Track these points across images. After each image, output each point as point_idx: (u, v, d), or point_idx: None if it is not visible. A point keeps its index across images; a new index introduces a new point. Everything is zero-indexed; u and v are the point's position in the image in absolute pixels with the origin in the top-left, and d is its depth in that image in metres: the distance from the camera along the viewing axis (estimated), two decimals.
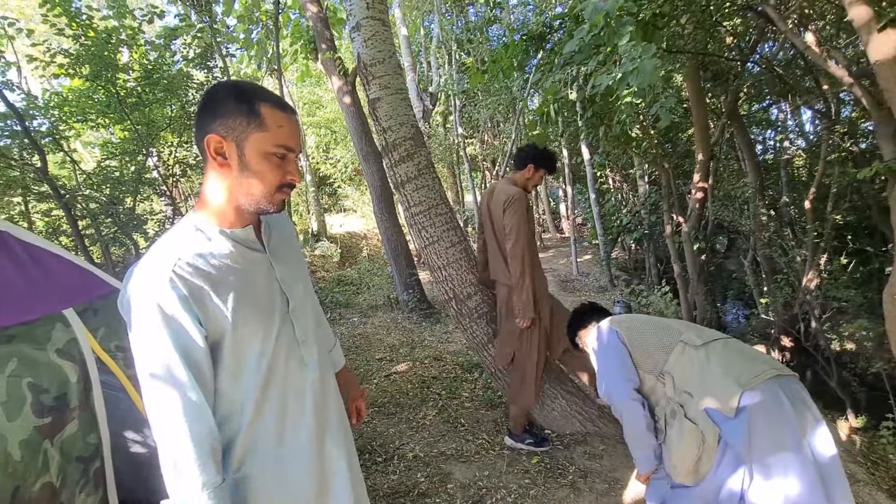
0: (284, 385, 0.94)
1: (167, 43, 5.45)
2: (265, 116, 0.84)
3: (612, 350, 1.62)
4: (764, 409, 1.27)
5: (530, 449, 2.56)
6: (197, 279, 0.82)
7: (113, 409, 1.47)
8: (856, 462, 2.76)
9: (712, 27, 4.37)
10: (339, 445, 1.05)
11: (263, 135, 0.84)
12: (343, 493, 1.04)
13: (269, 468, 0.93)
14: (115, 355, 1.33)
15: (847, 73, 2.26)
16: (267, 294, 0.93)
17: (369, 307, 6.02)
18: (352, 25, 2.80)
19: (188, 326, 0.81)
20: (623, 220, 7.44)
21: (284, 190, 0.90)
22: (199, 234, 0.88)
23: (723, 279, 7.07)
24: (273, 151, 0.85)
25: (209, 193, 0.90)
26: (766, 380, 1.30)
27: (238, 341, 0.87)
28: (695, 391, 1.39)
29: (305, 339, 0.99)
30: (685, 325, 1.64)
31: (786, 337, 4.67)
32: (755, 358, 1.41)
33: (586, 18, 2.71)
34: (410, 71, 9.14)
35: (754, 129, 7.12)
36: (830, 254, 4.21)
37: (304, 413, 0.97)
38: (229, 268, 0.88)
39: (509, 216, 2.31)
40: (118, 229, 4.95)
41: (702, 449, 1.35)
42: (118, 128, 5.70)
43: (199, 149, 0.89)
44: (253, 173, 0.86)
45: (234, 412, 0.90)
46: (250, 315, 0.88)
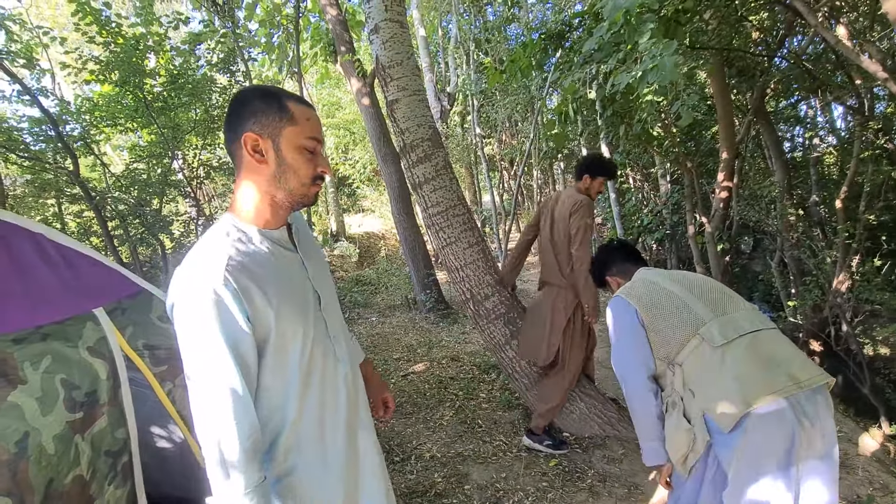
0: (322, 381, 0.97)
1: (192, 48, 5.60)
2: (294, 111, 0.89)
3: (629, 330, 1.50)
4: (764, 433, 1.19)
5: (548, 451, 2.54)
6: (245, 277, 0.85)
7: (140, 405, 1.52)
8: (889, 472, 2.65)
9: (737, 22, 4.25)
10: (369, 439, 1.10)
11: (295, 128, 0.89)
12: (374, 486, 1.08)
13: (312, 463, 0.96)
14: (142, 353, 1.37)
15: (881, 67, 2.17)
16: (302, 292, 0.96)
17: (387, 307, 6.06)
18: (370, 28, 2.82)
19: (240, 322, 0.84)
20: (644, 219, 7.30)
21: (318, 182, 0.94)
22: (241, 235, 0.91)
23: (748, 281, 6.86)
24: (305, 144, 0.90)
25: (245, 195, 0.93)
26: (779, 397, 1.19)
27: (281, 338, 0.90)
28: (698, 392, 1.32)
29: (336, 334, 1.03)
30: (715, 304, 1.43)
31: (815, 341, 4.51)
32: (778, 365, 1.26)
33: (606, 16, 2.67)
34: (428, 71, 9.17)
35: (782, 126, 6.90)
36: (863, 255, 4.05)
37: (338, 408, 1.01)
38: (270, 266, 0.91)
39: (576, 220, 2.45)
40: (145, 230, 5.11)
41: (690, 449, 1.31)
42: (145, 131, 5.87)
43: (230, 152, 0.93)
44: (289, 167, 0.90)
45: (278, 407, 0.92)
46: (290, 312, 0.91)
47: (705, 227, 4.37)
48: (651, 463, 1.48)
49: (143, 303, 1.45)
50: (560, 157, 12.04)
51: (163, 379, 1.42)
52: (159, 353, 1.42)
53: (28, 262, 1.19)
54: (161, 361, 1.41)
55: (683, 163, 4.85)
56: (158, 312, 1.47)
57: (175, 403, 1.43)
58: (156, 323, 1.46)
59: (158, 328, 1.46)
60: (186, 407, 1.49)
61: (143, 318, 1.43)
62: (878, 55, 2.23)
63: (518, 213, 11.93)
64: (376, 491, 1.09)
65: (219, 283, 0.82)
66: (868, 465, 2.67)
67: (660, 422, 1.43)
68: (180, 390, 1.46)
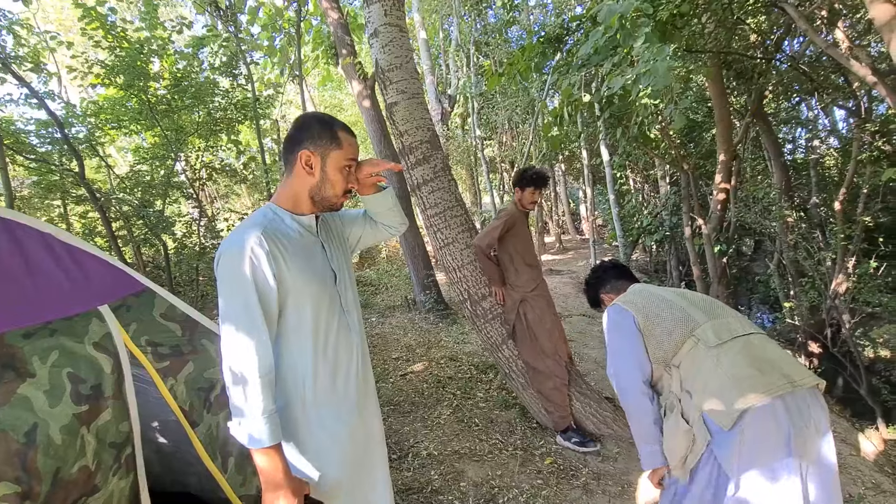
0: (336, 345, 1.17)
1: (195, 52, 5.67)
2: (342, 138, 1.14)
3: (626, 335, 1.52)
4: (760, 426, 1.21)
5: (575, 448, 2.58)
6: (275, 245, 1.07)
7: (142, 401, 1.57)
8: (882, 472, 2.67)
9: (734, 25, 4.28)
10: (376, 409, 1.32)
11: (340, 152, 1.14)
12: (380, 453, 1.30)
13: (327, 417, 1.14)
14: (145, 350, 1.41)
15: (870, 70, 2.20)
16: (321, 268, 1.18)
17: (387, 307, 6.10)
18: (370, 32, 2.87)
19: (268, 277, 1.04)
20: (643, 221, 7.33)
21: (347, 195, 1.19)
22: (276, 217, 1.15)
23: (748, 282, 6.89)
24: (345, 164, 1.15)
25: (288, 191, 1.16)
26: (774, 396, 1.22)
27: (298, 299, 1.10)
28: (696, 393, 1.34)
29: (349, 308, 1.24)
30: (708, 310, 1.48)
31: (813, 342, 4.53)
32: (772, 366, 1.30)
33: (601, 20, 2.72)
34: (429, 74, 9.23)
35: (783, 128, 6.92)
36: (860, 257, 4.07)
37: (349, 372, 1.20)
38: (297, 243, 1.13)
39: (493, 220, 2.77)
40: (148, 230, 5.17)
41: (689, 449, 1.32)
42: (149, 134, 5.95)
43: (286, 160, 1.18)
44: (329, 181, 1.15)
45: (297, 364, 1.11)
46: (309, 280, 1.12)
47: (702, 229, 4.40)
48: (650, 467, 1.48)
49: (147, 300, 1.50)
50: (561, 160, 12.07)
51: (165, 375, 1.46)
52: (162, 350, 1.46)
53: (38, 260, 1.24)
54: (163, 358, 1.46)
55: (681, 164, 4.88)
56: (161, 310, 1.52)
57: (176, 399, 1.47)
58: (158, 320, 1.50)
59: (161, 325, 1.50)
60: (188, 403, 1.54)
61: (147, 316, 1.48)
62: (867, 59, 2.26)
63: None
64: (380, 459, 1.29)
65: (255, 244, 1.03)
66: (861, 465, 2.70)
67: (656, 425, 1.43)
68: (182, 386, 1.50)
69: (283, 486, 1.00)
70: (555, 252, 12.25)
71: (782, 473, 1.19)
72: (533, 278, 2.78)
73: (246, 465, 1.61)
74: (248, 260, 1.02)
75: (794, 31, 4.65)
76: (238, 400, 0.99)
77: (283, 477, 1.00)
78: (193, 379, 1.54)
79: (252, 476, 1.62)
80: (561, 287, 7.49)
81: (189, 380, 1.52)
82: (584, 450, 2.56)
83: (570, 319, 5.43)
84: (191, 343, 1.57)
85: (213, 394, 1.59)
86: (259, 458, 1.00)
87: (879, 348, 4.75)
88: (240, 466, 1.60)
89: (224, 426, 1.61)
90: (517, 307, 2.76)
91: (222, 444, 1.57)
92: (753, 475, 1.21)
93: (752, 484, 1.21)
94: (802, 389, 1.26)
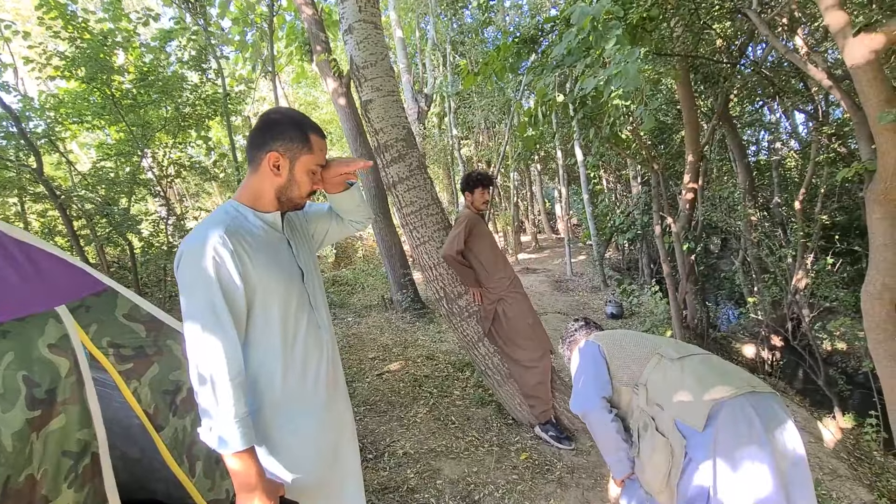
0: (305, 343, 1.15)
1: (162, 45, 5.48)
2: (314, 143, 1.12)
3: (590, 361, 1.64)
4: (731, 423, 1.26)
5: (554, 444, 2.62)
6: (239, 242, 1.04)
7: (105, 406, 1.51)
8: (839, 458, 2.81)
9: (701, 30, 4.42)
10: (347, 405, 1.30)
11: (310, 157, 1.12)
12: (351, 451, 1.28)
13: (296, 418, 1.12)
14: (106, 352, 1.36)
15: (826, 75, 2.31)
16: (287, 265, 1.15)
17: (363, 307, 6.05)
18: (344, 28, 2.84)
19: (234, 275, 1.01)
20: (616, 220, 7.49)
21: (311, 195, 1.18)
22: (239, 214, 1.11)
23: (716, 279, 7.12)
24: (313, 169, 1.14)
25: (252, 189, 1.13)
26: (737, 395, 1.29)
27: (266, 297, 1.07)
28: (666, 404, 1.39)
29: (318, 306, 1.22)
30: (666, 340, 1.66)
31: (775, 336, 4.72)
32: (731, 374, 1.39)
33: (574, 22, 2.76)
34: (406, 73, 9.18)
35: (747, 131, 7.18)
36: (818, 254, 4.26)
37: (319, 370, 1.18)
38: (261, 241, 1.10)
39: (453, 227, 2.76)
40: (113, 229, 4.97)
41: (671, 463, 1.35)
42: (113, 129, 5.71)
43: (251, 157, 1.13)
44: (296, 182, 1.13)
45: (265, 362, 1.08)
46: (275, 278, 1.09)
47: (671, 227, 4.53)
48: (620, 476, 1.58)
49: (108, 300, 1.44)
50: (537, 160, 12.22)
51: (128, 377, 1.41)
52: (124, 352, 1.40)
53: None
54: (126, 359, 1.40)
55: (651, 165, 5.01)
56: (124, 310, 1.46)
57: (140, 402, 1.42)
58: (121, 321, 1.44)
59: (124, 326, 1.44)
60: (152, 406, 1.48)
61: (108, 316, 1.42)
62: (823, 64, 2.37)
63: (495, 213, 12.04)
64: (352, 456, 1.27)
65: (218, 243, 1.00)
66: (820, 452, 2.83)
67: (619, 434, 1.54)
68: (146, 389, 1.45)
69: (257, 488, 0.98)
70: (531, 251, 12.39)
71: (758, 467, 1.23)
72: (505, 276, 2.79)
73: (214, 470, 1.57)
74: (212, 259, 0.99)
75: (757, 36, 4.83)
76: (208, 404, 0.96)
77: (257, 480, 0.98)
78: (158, 381, 1.49)
79: (221, 480, 1.58)
80: (537, 285, 7.58)
81: (154, 382, 1.47)
82: (558, 445, 2.60)
83: (546, 317, 5.51)
84: (156, 344, 1.52)
85: (180, 396, 1.54)
86: (231, 461, 0.97)
87: (836, 341, 4.97)
88: (208, 471, 1.56)
89: (191, 430, 1.56)
90: (495, 307, 2.77)
91: (189, 448, 1.52)
92: (731, 471, 1.25)
93: (731, 480, 1.24)
94: (764, 394, 1.33)
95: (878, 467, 2.93)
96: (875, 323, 2.08)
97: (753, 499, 1.21)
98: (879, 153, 1.92)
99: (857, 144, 2.54)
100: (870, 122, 1.92)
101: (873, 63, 1.85)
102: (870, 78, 1.86)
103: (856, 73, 1.90)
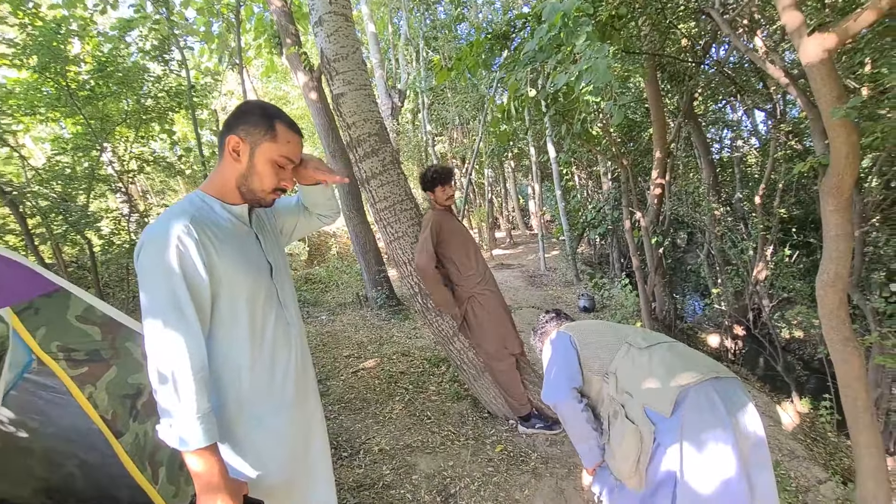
0: (274, 340, 1.12)
1: (122, 35, 5.23)
2: (279, 132, 1.07)
3: (561, 352, 1.67)
4: (697, 408, 1.31)
5: (543, 432, 2.65)
6: (204, 233, 1.00)
7: (60, 413, 1.43)
8: (796, 440, 2.96)
9: (667, 29, 4.54)
10: (317, 404, 1.28)
11: (273, 145, 1.06)
12: (322, 447, 1.25)
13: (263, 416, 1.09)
14: (56, 356, 1.28)
15: (783, 73, 2.40)
16: (255, 259, 1.12)
17: (338, 305, 5.97)
18: (314, 20, 2.77)
19: (198, 267, 0.97)
20: (588, 215, 7.63)
21: (277, 192, 1.11)
22: (205, 205, 1.07)
23: (682, 272, 7.36)
24: (277, 160, 1.07)
25: (217, 178, 1.09)
26: (702, 381, 1.35)
27: (232, 291, 1.04)
28: (635, 391, 1.43)
29: (286, 302, 1.19)
30: (634, 329, 1.69)
31: (738, 325, 4.91)
32: (696, 361, 1.45)
33: (545, 18, 2.78)
34: (379, 68, 9.08)
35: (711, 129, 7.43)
36: (776, 246, 4.45)
37: (288, 367, 1.15)
38: (228, 233, 1.07)
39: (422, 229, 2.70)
40: (70, 227, 4.73)
41: (640, 449, 1.39)
42: (70, 122, 5.43)
43: (219, 145, 1.11)
44: (257, 173, 1.07)
45: (231, 357, 1.05)
46: (243, 272, 1.06)
47: (640, 222, 4.64)
48: (591, 464, 1.62)
49: (59, 302, 1.36)
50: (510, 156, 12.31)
51: (82, 383, 1.34)
52: (77, 356, 1.33)
53: None
54: (79, 364, 1.33)
55: (620, 161, 5.12)
56: (77, 312, 1.38)
57: (97, 408, 1.35)
58: (74, 323, 1.36)
59: (77, 329, 1.37)
60: (110, 411, 1.42)
61: (59, 319, 1.34)
62: (780, 63, 2.46)
63: (469, 210, 12.08)
64: (322, 454, 1.25)
65: (182, 233, 0.96)
66: (779, 435, 2.96)
67: (589, 423, 1.57)
68: (103, 394, 1.38)
69: (220, 488, 0.94)
70: (505, 247, 12.50)
71: (722, 449, 1.27)
72: (476, 273, 2.74)
73: (178, 475, 1.52)
74: (175, 249, 0.95)
75: (720, 37, 4.99)
76: (167, 401, 0.92)
77: (219, 479, 0.94)
78: (117, 385, 1.43)
79: (186, 486, 1.53)
80: (511, 280, 7.65)
81: (111, 386, 1.41)
82: (550, 432, 2.63)
83: (520, 311, 5.57)
84: (113, 347, 1.45)
85: (141, 400, 1.48)
86: (192, 460, 0.93)
87: (794, 329, 5.22)
88: (171, 476, 1.50)
89: (153, 434, 1.50)
90: (465, 304, 2.74)
91: (151, 454, 1.47)
92: (697, 454, 1.29)
93: (697, 462, 1.29)
94: (727, 379, 1.40)
95: (831, 447, 3.09)
96: (828, 310, 2.18)
97: (718, 480, 1.26)
98: (832, 148, 2.01)
99: (812, 141, 2.65)
100: (823, 117, 2.01)
101: (826, 62, 1.93)
102: (823, 75, 1.95)
103: (810, 70, 1.98)
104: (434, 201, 2.77)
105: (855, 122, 1.95)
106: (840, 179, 2.00)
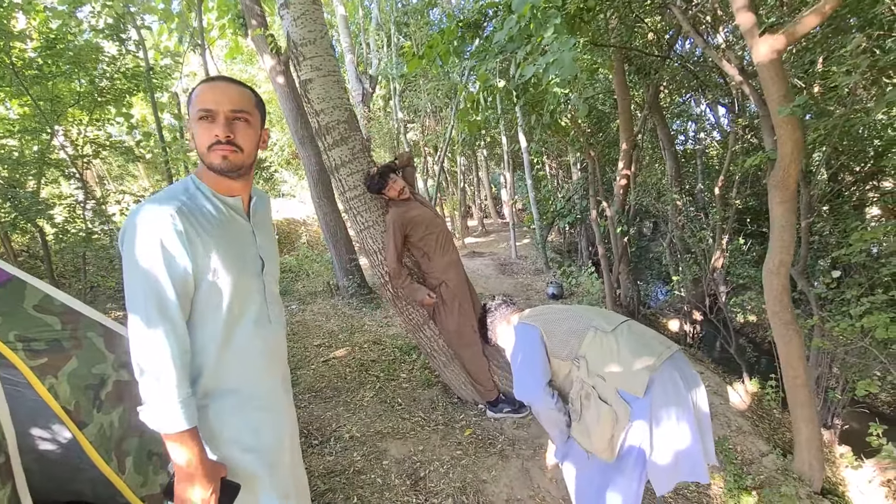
0: (252, 336, 1.12)
1: (71, 11, 4.92)
2: (196, 92, 1.05)
3: (530, 348, 1.72)
4: (663, 386, 1.46)
5: (511, 416, 2.73)
6: (193, 223, 0.99)
7: (17, 405, 1.39)
8: (744, 417, 3.17)
9: (634, 23, 4.64)
10: (288, 395, 1.29)
11: (193, 103, 1.04)
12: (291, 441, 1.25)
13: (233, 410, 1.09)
14: (14, 346, 1.24)
15: (738, 71, 2.52)
16: (248, 255, 1.12)
17: (308, 294, 5.91)
18: (281, 2, 2.70)
19: (181, 257, 0.97)
20: (558, 205, 7.79)
21: (215, 148, 1.03)
22: (198, 192, 1.06)
23: (647, 260, 7.64)
24: (197, 114, 1.03)
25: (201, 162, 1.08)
26: (664, 360, 1.50)
27: (217, 284, 1.03)
28: (607, 375, 1.54)
29: (272, 300, 1.20)
30: (595, 311, 1.79)
31: (696, 311, 5.17)
32: (653, 339, 1.60)
33: (514, 9, 2.80)
34: (349, 52, 8.90)
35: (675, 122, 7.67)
36: (732, 235, 4.69)
37: (268, 366, 1.16)
38: (220, 224, 1.06)
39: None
40: (19, 215, 4.48)
41: (614, 427, 1.51)
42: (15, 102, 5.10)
43: None
44: (195, 136, 1.05)
45: (200, 349, 1.04)
46: (230, 266, 1.05)
47: (607, 212, 4.79)
48: (562, 444, 1.73)
49: (15, 291, 1.31)
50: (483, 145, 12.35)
51: (43, 374, 1.31)
52: (36, 346, 1.29)
53: None
54: (39, 354, 1.29)
55: (588, 152, 5.24)
56: (34, 301, 1.34)
57: (58, 399, 1.32)
58: (31, 313, 1.32)
59: (35, 319, 1.32)
60: (73, 402, 1.39)
61: (15, 308, 1.29)
62: (735, 60, 2.58)
63: (441, 198, 12.09)
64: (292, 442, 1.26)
65: (167, 222, 0.95)
66: (729, 412, 3.16)
67: (560, 412, 1.67)
68: (64, 385, 1.35)
69: (198, 471, 0.97)
70: (478, 235, 12.61)
71: (686, 424, 1.43)
72: (448, 262, 2.73)
73: (146, 464, 1.51)
74: (159, 239, 0.95)
75: (685, 32, 5.15)
76: (149, 385, 0.94)
77: (198, 462, 0.97)
78: (79, 376, 1.40)
79: (154, 475, 1.52)
80: (483, 269, 7.75)
81: (73, 377, 1.38)
82: (518, 416, 2.72)
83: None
84: (74, 337, 1.41)
85: (104, 391, 1.45)
86: (171, 443, 0.96)
87: (747, 314, 5.54)
88: (139, 466, 1.49)
89: (119, 425, 1.48)
90: (437, 289, 2.77)
91: (117, 444, 1.45)
92: (665, 429, 1.44)
93: (664, 435, 1.44)
94: (678, 354, 1.56)
95: (776, 423, 3.33)
96: (773, 295, 2.34)
97: (683, 445, 1.43)
98: (779, 143, 2.14)
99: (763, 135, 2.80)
100: (772, 115, 2.13)
101: (776, 62, 2.04)
102: (772, 75, 2.06)
103: (761, 69, 2.09)
104: (390, 199, 2.69)
105: (801, 119, 2.07)
106: (785, 173, 2.14)
